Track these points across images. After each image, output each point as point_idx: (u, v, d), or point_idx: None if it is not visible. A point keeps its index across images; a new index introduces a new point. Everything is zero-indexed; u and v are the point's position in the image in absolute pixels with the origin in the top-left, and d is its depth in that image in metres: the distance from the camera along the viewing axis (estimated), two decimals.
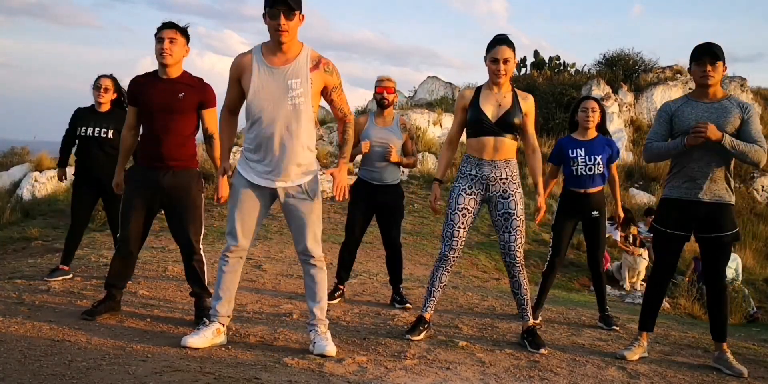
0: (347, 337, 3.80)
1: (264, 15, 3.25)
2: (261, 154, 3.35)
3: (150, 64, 3.86)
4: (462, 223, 3.87)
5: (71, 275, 5.00)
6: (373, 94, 4.87)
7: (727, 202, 3.70)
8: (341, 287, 4.92)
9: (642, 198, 12.84)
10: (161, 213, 4.05)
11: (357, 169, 5.02)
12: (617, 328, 4.65)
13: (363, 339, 3.81)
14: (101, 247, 6.98)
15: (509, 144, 3.86)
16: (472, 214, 3.90)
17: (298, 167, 3.36)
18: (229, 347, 3.42)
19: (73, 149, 5.30)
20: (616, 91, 15.76)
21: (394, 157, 4.68)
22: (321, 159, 11.58)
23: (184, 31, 3.81)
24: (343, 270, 4.90)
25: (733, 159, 3.68)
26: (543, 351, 3.80)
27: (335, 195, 3.39)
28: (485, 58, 3.82)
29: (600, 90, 15.39)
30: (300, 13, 3.25)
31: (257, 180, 3.38)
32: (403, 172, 4.83)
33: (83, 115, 5.13)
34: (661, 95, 15.94)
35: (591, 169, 4.60)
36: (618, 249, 9.37)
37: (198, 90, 3.86)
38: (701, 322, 6.46)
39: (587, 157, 4.60)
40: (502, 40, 3.77)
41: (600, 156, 4.60)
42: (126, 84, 4.05)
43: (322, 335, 3.45)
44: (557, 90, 15.83)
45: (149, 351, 3.22)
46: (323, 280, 3.50)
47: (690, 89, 16.30)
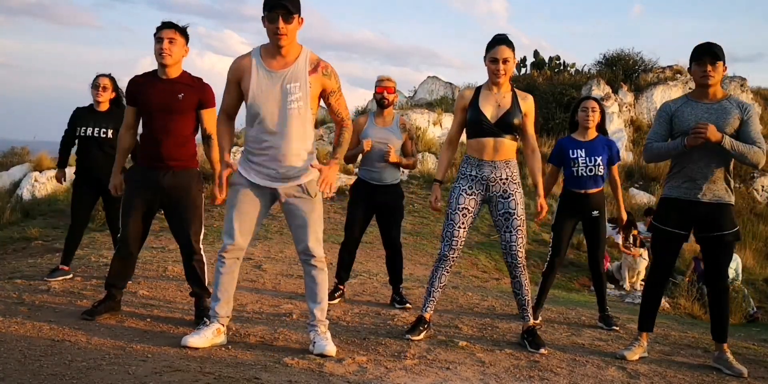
0: (347, 337, 3.80)
1: (263, 18, 3.25)
2: (261, 156, 3.36)
3: (150, 64, 3.86)
4: (462, 223, 3.87)
5: (71, 275, 5.00)
6: (373, 94, 4.87)
7: (727, 202, 3.70)
8: (341, 287, 4.92)
9: (642, 198, 12.85)
10: (161, 213, 4.05)
11: (357, 169, 5.01)
12: (617, 328, 4.65)
13: (363, 339, 3.81)
14: (101, 247, 6.98)
15: (509, 145, 3.86)
16: (472, 214, 3.90)
17: (298, 169, 3.37)
18: (229, 347, 3.41)
19: (73, 149, 5.30)
20: (616, 91, 15.76)
21: (393, 158, 4.67)
22: (321, 159, 11.55)
23: (183, 31, 3.81)
24: (343, 270, 4.90)
25: (733, 160, 3.68)
26: (543, 351, 3.80)
27: (321, 189, 3.31)
28: (485, 58, 3.82)
29: (600, 90, 15.39)
30: (299, 17, 3.24)
31: (257, 180, 3.38)
32: (403, 172, 4.82)
33: (82, 115, 5.12)
34: (661, 95, 15.94)
35: (591, 170, 4.61)
36: (618, 249, 9.38)
37: (197, 90, 3.86)
38: (701, 322, 6.46)
39: (588, 159, 4.61)
40: (501, 40, 3.77)
41: (600, 157, 4.61)
42: (125, 84, 4.05)
43: (322, 335, 3.45)
44: (557, 90, 15.84)
45: (149, 351, 3.22)
46: (324, 281, 3.50)
47: (690, 89, 16.31)
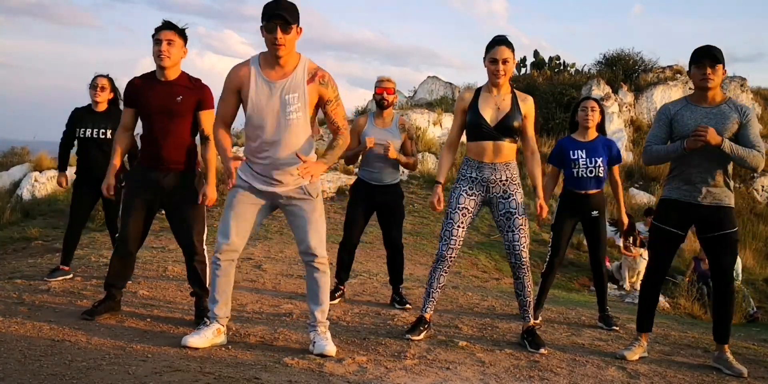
0: (347, 337, 3.80)
1: (261, 28, 3.23)
2: (261, 165, 3.37)
3: (150, 64, 3.85)
4: (461, 222, 3.87)
5: (71, 275, 5.00)
6: (373, 94, 4.86)
7: (727, 204, 3.71)
8: (341, 287, 4.91)
9: (642, 198, 12.86)
10: (161, 213, 4.05)
11: (357, 169, 5.01)
12: (617, 328, 4.65)
13: (363, 339, 3.81)
14: (101, 247, 6.98)
15: (508, 147, 3.86)
16: (471, 214, 3.90)
17: (297, 176, 3.36)
18: (229, 347, 3.42)
19: (73, 150, 5.29)
20: (616, 91, 15.76)
21: (392, 154, 4.66)
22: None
23: (182, 33, 3.79)
24: (343, 270, 4.90)
25: (732, 163, 3.68)
26: (543, 351, 3.80)
27: (300, 175, 3.18)
28: (484, 59, 3.82)
29: (600, 90, 15.40)
30: (297, 27, 3.22)
31: (258, 185, 3.39)
32: (403, 172, 4.82)
33: (81, 116, 5.12)
34: (661, 95, 15.95)
35: (592, 172, 4.61)
36: (618, 249, 9.39)
37: (196, 91, 3.84)
38: (701, 322, 6.46)
39: (588, 160, 4.61)
40: (500, 40, 3.77)
41: (601, 158, 4.61)
42: (124, 82, 4.04)
43: (322, 335, 3.45)
44: (557, 90, 15.84)
45: (149, 351, 3.22)
46: (326, 283, 3.49)
47: (690, 89, 16.29)
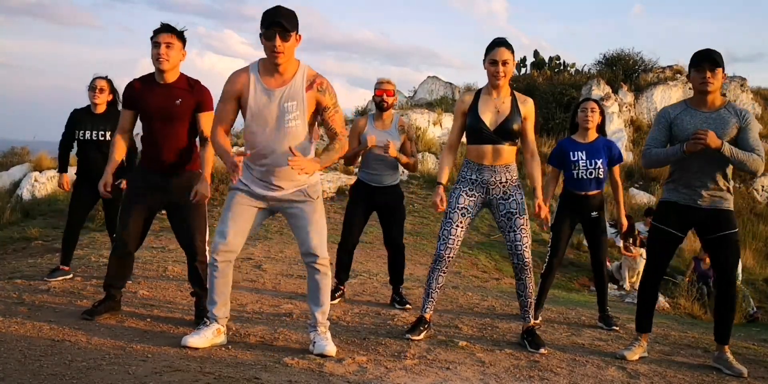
0: (347, 337, 3.80)
1: (260, 35, 3.21)
2: (260, 170, 3.38)
3: (150, 64, 3.83)
4: (460, 222, 3.88)
5: (71, 275, 5.00)
6: (373, 96, 4.86)
7: (727, 207, 3.72)
8: (341, 287, 4.91)
9: (642, 198, 12.85)
10: (161, 213, 4.04)
11: (357, 169, 5.01)
12: (617, 328, 4.65)
13: (363, 339, 3.81)
14: (101, 247, 6.98)
15: (508, 150, 3.86)
16: (470, 214, 3.90)
17: (297, 180, 3.38)
18: (229, 347, 3.42)
19: (73, 151, 5.28)
20: (616, 91, 15.76)
21: (392, 152, 4.66)
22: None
23: (180, 35, 3.77)
24: (342, 270, 4.89)
25: (731, 167, 3.68)
26: (543, 351, 3.80)
27: (292, 167, 3.10)
28: (484, 60, 3.82)
29: (600, 90, 15.39)
30: (296, 34, 3.21)
31: (257, 189, 3.40)
32: (403, 172, 4.83)
33: (80, 118, 5.10)
34: (661, 95, 15.94)
35: (592, 173, 4.62)
36: (618, 249, 9.39)
37: (195, 93, 3.82)
38: (701, 322, 6.46)
39: (588, 161, 4.62)
40: (500, 42, 3.78)
41: (600, 160, 4.62)
42: (124, 82, 4.03)
43: (322, 335, 3.45)
44: (557, 90, 15.83)
45: (149, 351, 3.22)
46: (327, 285, 3.48)
47: (690, 89, 16.29)
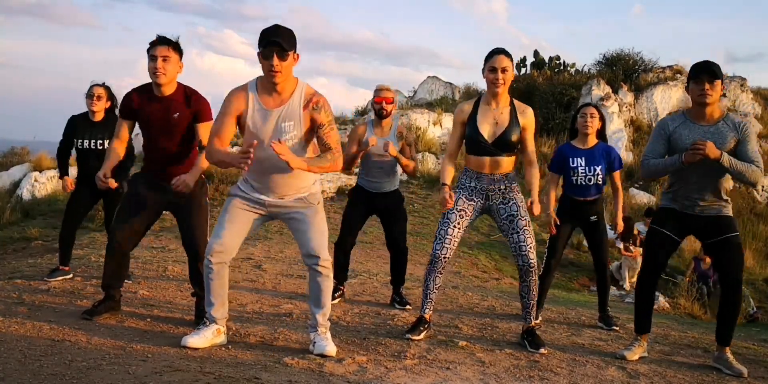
0: (347, 337, 3.80)
1: (258, 54, 3.20)
2: (258, 185, 3.40)
3: None
4: (458, 223, 3.88)
5: (71, 275, 5.00)
6: (372, 103, 4.87)
7: (726, 214, 3.75)
8: (341, 287, 4.91)
9: (642, 198, 12.84)
10: (162, 214, 4.04)
11: (357, 169, 5.02)
12: (617, 328, 4.66)
13: (363, 339, 3.81)
14: (101, 247, 6.97)
15: (507, 161, 3.87)
16: (468, 217, 3.91)
17: (298, 191, 3.41)
18: (229, 347, 3.42)
19: (72, 152, 5.26)
20: (616, 91, 15.75)
21: (392, 151, 4.66)
22: None
23: (177, 47, 3.74)
24: (340, 271, 4.87)
25: (727, 180, 3.70)
26: (543, 351, 3.80)
27: (273, 145, 3.04)
28: (483, 69, 3.83)
29: (600, 90, 15.38)
30: (294, 53, 3.20)
31: (257, 195, 3.41)
32: (402, 173, 4.86)
33: (78, 127, 5.07)
34: (661, 95, 15.93)
35: (591, 180, 4.65)
36: (618, 249, 9.39)
37: (192, 105, 3.79)
38: (701, 322, 6.46)
39: (587, 168, 4.65)
40: (499, 50, 3.79)
41: (599, 166, 4.65)
42: (124, 83, 4.04)
43: (322, 335, 3.45)
44: (557, 90, 15.82)
45: (149, 351, 3.22)
46: (329, 287, 3.47)
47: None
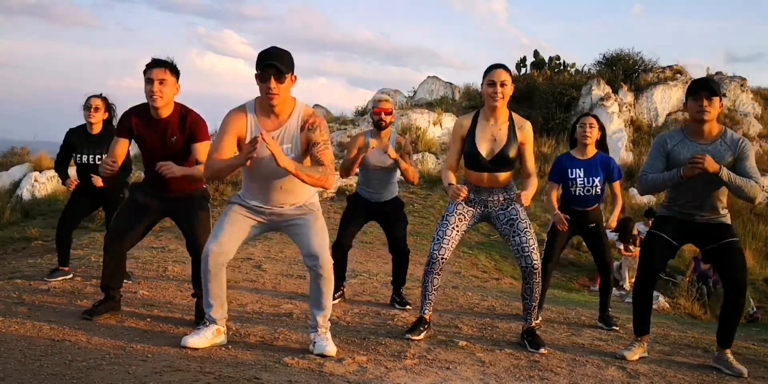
0: (347, 337, 3.81)
1: (255, 76, 3.18)
2: (258, 202, 3.42)
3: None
4: (456, 226, 3.89)
5: (71, 275, 5.00)
6: (371, 114, 4.86)
7: (725, 221, 3.77)
8: (341, 288, 4.91)
9: (642, 198, 12.84)
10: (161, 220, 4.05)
11: (356, 174, 5.02)
12: (617, 328, 4.66)
13: (363, 339, 3.81)
14: (101, 247, 6.96)
15: (505, 176, 3.88)
16: (466, 222, 3.92)
17: (296, 201, 3.43)
18: (229, 347, 3.42)
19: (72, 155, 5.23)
20: (616, 91, 15.75)
21: (392, 154, 4.67)
22: None
23: (174, 69, 3.70)
24: (339, 272, 4.86)
25: (725, 195, 3.72)
26: (543, 351, 3.80)
27: (264, 137, 3.02)
28: (482, 84, 3.82)
29: (600, 90, 15.39)
30: (292, 75, 3.19)
31: (256, 203, 3.42)
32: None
33: (76, 141, 5.03)
34: (661, 95, 15.94)
35: (589, 191, 4.67)
36: (618, 250, 9.40)
37: (188, 126, 3.75)
38: (701, 322, 6.46)
39: (586, 179, 4.66)
40: (498, 65, 3.81)
41: (598, 178, 4.67)
42: (124, 83, 4.04)
43: (322, 335, 3.45)
44: (557, 90, 15.83)
45: (149, 351, 3.22)
46: (330, 290, 3.47)
47: None
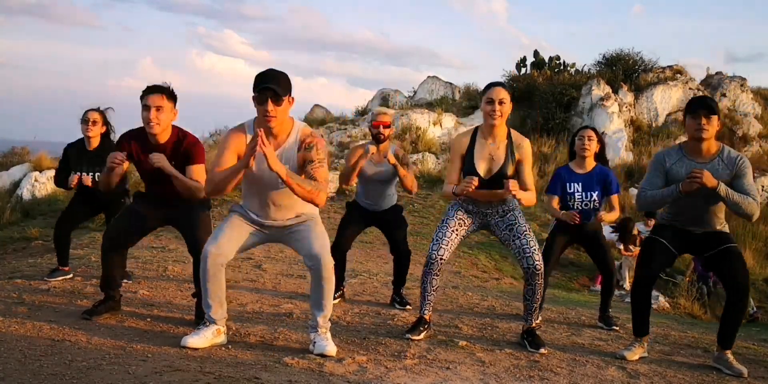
0: (347, 337, 3.81)
1: (252, 98, 3.17)
2: (258, 215, 3.43)
3: (150, 64, 3.87)
4: (456, 229, 3.89)
5: (71, 275, 5.00)
6: (369, 127, 4.86)
7: (723, 230, 3.79)
8: (341, 288, 4.92)
9: None
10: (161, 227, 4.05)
11: (355, 184, 5.02)
12: (617, 328, 4.66)
13: (363, 339, 3.81)
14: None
15: (503, 193, 3.86)
16: (466, 228, 3.94)
17: (295, 214, 3.45)
18: (229, 347, 3.42)
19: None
20: (616, 91, 15.74)
21: (391, 159, 4.69)
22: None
23: (171, 95, 3.68)
24: (338, 273, 4.87)
25: (724, 212, 3.73)
26: (543, 351, 3.81)
27: (261, 137, 3.01)
28: (480, 101, 3.83)
29: (600, 90, 15.38)
30: (289, 97, 3.18)
31: (254, 217, 3.44)
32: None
33: (74, 157, 5.02)
34: (661, 95, 15.93)
35: (587, 205, 4.69)
36: (618, 250, 9.40)
37: (184, 149, 3.74)
38: (701, 322, 6.47)
39: (584, 194, 4.68)
40: (497, 83, 3.82)
41: (596, 192, 4.68)
42: (124, 83, 4.04)
43: (322, 335, 3.45)
44: (557, 90, 15.81)
45: (149, 351, 3.22)
46: (330, 291, 3.46)
47: (690, 90, 16.22)
